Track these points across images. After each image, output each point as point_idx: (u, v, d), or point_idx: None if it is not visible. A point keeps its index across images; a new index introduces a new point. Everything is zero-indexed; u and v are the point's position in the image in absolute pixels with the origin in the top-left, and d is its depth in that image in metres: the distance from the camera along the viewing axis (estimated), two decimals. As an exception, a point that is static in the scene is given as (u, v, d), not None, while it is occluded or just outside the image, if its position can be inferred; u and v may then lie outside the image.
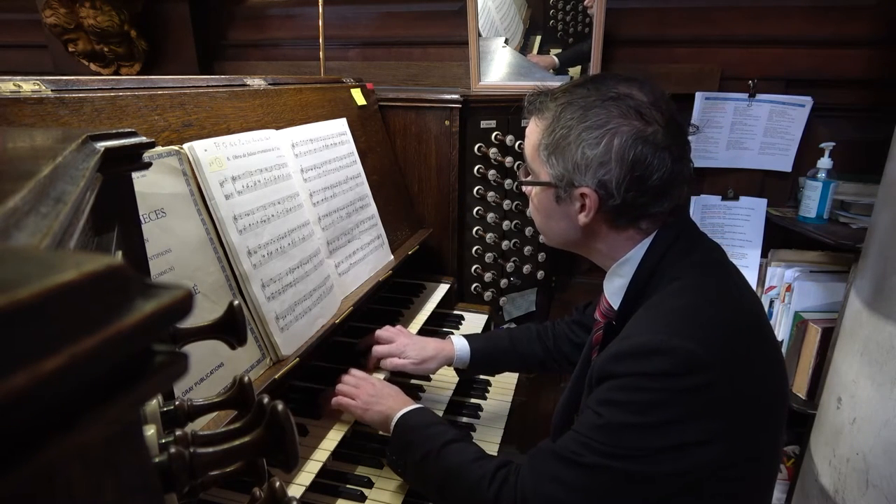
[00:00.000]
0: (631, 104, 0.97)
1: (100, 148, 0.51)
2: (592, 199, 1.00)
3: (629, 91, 0.99)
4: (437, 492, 1.08)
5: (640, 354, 0.88)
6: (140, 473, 0.32)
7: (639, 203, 1.00)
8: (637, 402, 0.87)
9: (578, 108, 1.00)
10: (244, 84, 1.34)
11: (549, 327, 1.55)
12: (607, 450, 0.88)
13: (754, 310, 1.00)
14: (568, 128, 1.00)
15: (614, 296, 1.09)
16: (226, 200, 1.06)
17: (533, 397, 2.49)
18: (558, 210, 1.06)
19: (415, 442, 1.11)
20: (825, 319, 2.00)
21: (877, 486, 1.45)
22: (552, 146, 1.03)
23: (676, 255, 1.01)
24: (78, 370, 0.18)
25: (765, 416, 0.94)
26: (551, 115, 1.03)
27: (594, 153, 0.98)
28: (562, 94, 1.04)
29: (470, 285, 2.04)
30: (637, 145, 0.96)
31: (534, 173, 1.10)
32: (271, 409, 0.46)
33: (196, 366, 0.92)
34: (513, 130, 1.99)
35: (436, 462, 1.06)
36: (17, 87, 0.79)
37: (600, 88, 1.00)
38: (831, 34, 2.09)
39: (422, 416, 1.17)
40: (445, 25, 2.50)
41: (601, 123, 0.97)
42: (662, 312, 0.94)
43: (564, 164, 1.01)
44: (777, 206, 2.27)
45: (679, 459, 0.87)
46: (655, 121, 0.97)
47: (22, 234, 0.25)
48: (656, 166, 0.97)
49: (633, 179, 0.97)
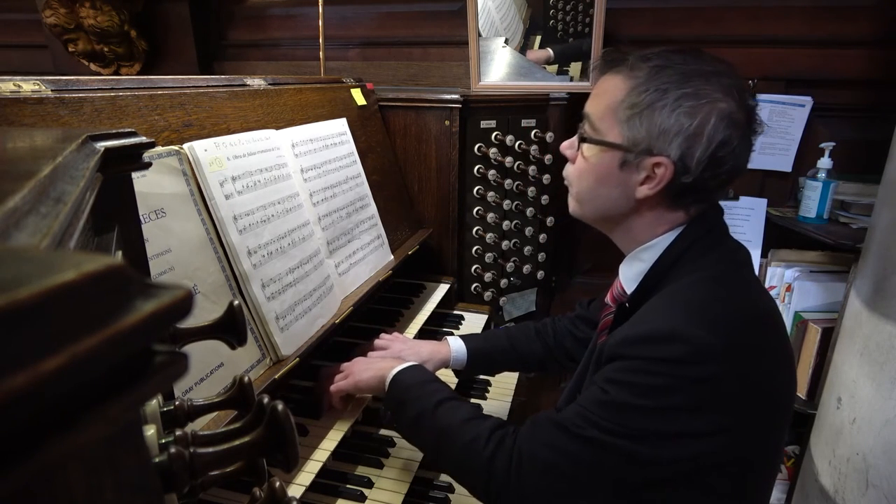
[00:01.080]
0: (731, 83, 0.93)
1: (100, 148, 0.51)
2: (667, 172, 0.95)
3: (727, 70, 0.94)
4: (432, 450, 1.07)
5: (653, 339, 0.87)
6: (140, 473, 0.32)
7: (706, 186, 0.96)
8: (645, 385, 0.86)
9: (677, 73, 0.93)
10: (244, 84, 1.34)
11: (549, 324, 1.53)
12: (610, 426, 0.87)
13: (770, 310, 0.98)
14: (663, 91, 0.93)
15: (630, 281, 1.07)
16: (226, 200, 1.06)
17: (533, 397, 2.49)
18: (617, 176, 0.99)
19: (409, 400, 1.09)
20: (825, 319, 2.00)
21: (877, 486, 1.45)
22: (640, 106, 0.95)
23: (701, 249, 0.99)
24: (78, 370, 0.18)
25: (771, 415, 0.94)
26: (644, 75, 0.95)
27: (689, 123, 0.92)
28: (656, 56, 0.96)
29: (470, 285, 2.04)
30: (730, 126, 0.92)
31: (600, 132, 1.01)
32: (271, 409, 0.46)
33: (196, 366, 0.92)
34: (513, 130, 1.99)
35: (430, 421, 1.04)
36: (17, 87, 0.79)
37: (699, 59, 0.94)
38: (831, 34, 2.09)
39: (416, 373, 1.15)
40: (445, 25, 2.50)
41: (701, 94, 0.92)
42: (679, 301, 0.93)
43: (649, 128, 0.94)
44: (777, 206, 2.27)
45: (681, 447, 0.86)
46: (744, 107, 0.94)
47: (22, 234, 0.25)
48: (736, 153, 0.94)
49: (714, 160, 0.93)
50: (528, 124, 2.04)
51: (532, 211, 2.11)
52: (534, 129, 2.05)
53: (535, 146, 2.05)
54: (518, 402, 1.70)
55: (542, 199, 2.13)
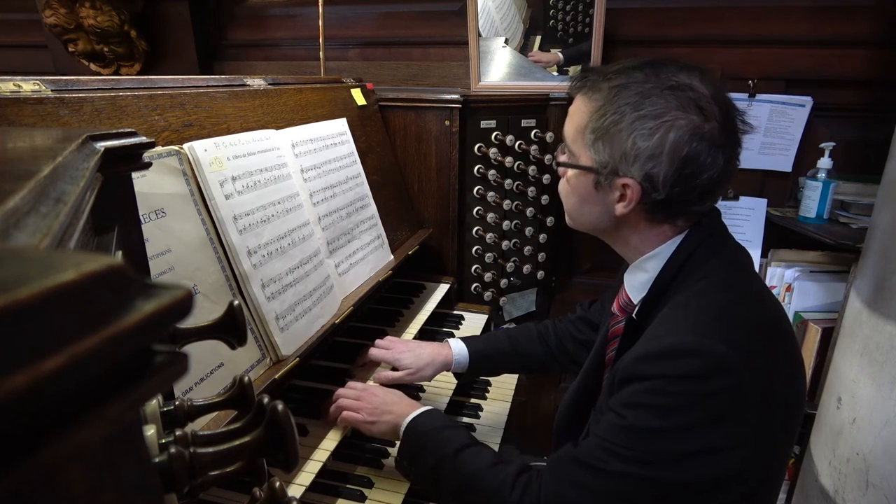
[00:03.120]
0: (691, 96, 0.92)
1: (100, 148, 0.51)
2: (635, 192, 0.96)
3: (690, 81, 0.93)
4: (453, 497, 1.05)
5: (669, 356, 0.86)
6: (140, 473, 0.32)
7: (682, 200, 0.96)
8: (663, 406, 0.85)
9: (634, 93, 0.93)
10: (244, 84, 1.34)
11: (550, 326, 1.53)
12: (632, 455, 0.86)
13: (779, 312, 0.98)
14: (620, 114, 0.94)
15: (636, 290, 1.06)
16: (226, 200, 1.06)
17: (533, 397, 2.49)
18: (595, 196, 1.02)
19: (427, 447, 1.08)
20: (825, 319, 2.00)
21: (877, 486, 1.45)
22: (600, 131, 0.96)
23: (704, 255, 0.98)
24: (78, 370, 0.18)
25: (786, 420, 0.93)
26: (603, 97, 0.97)
27: (646, 145, 0.92)
28: (616, 76, 0.96)
29: (470, 285, 2.04)
30: (693, 142, 0.91)
31: (573, 155, 1.04)
32: (271, 409, 0.46)
33: (196, 366, 0.92)
34: (513, 130, 1.99)
35: (452, 467, 1.04)
36: (17, 87, 0.79)
37: (659, 74, 0.94)
38: (831, 34, 2.09)
39: (431, 419, 1.14)
40: (445, 25, 2.50)
41: (658, 114, 0.92)
42: (691, 313, 0.92)
43: (611, 152, 0.96)
44: (777, 206, 2.27)
45: (704, 465, 0.85)
46: (714, 116, 0.92)
47: (22, 234, 0.25)
48: (708, 165, 0.93)
49: (682, 176, 0.93)
50: (528, 124, 2.05)
51: (532, 211, 2.11)
52: (534, 129, 2.05)
53: (535, 146, 2.05)
54: (518, 403, 1.70)
55: (542, 199, 2.13)
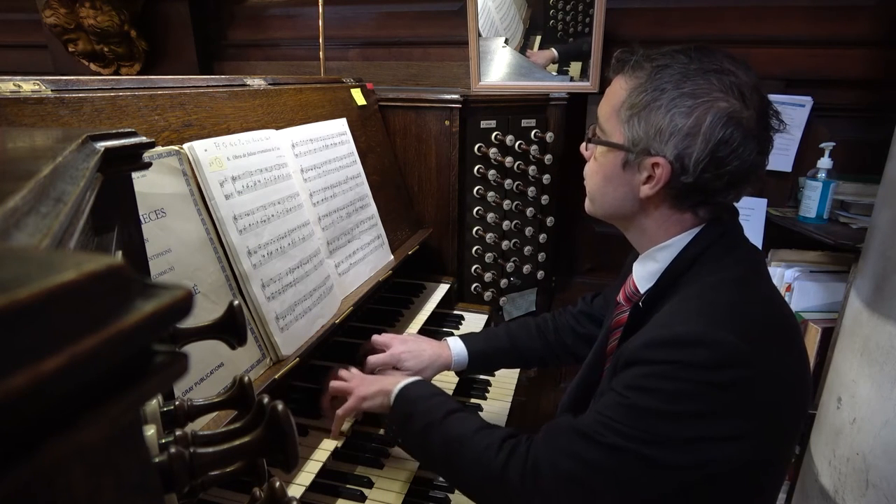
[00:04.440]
0: (734, 81, 0.92)
1: (100, 148, 0.51)
2: (664, 172, 0.95)
3: (734, 68, 0.93)
4: (440, 462, 1.05)
5: (679, 344, 0.86)
6: (140, 473, 0.32)
7: (709, 187, 0.95)
8: (669, 391, 0.85)
9: (677, 72, 0.93)
10: (244, 84, 1.34)
11: (550, 319, 1.52)
12: (630, 432, 0.86)
13: (789, 318, 0.98)
14: (661, 90, 0.94)
15: (644, 280, 1.06)
16: (226, 200, 1.06)
17: (533, 397, 2.49)
18: (621, 176, 1.01)
19: (416, 413, 1.08)
20: (825, 319, 2.00)
21: (877, 486, 1.45)
22: (638, 107, 0.96)
23: (718, 251, 0.98)
24: (78, 370, 0.18)
25: (790, 419, 0.93)
26: (645, 75, 0.96)
27: (684, 122, 0.92)
28: (660, 56, 0.96)
29: (470, 285, 2.04)
30: (729, 126, 0.91)
31: (605, 133, 1.03)
32: (271, 409, 0.46)
33: (196, 366, 0.92)
34: (513, 130, 1.99)
35: (438, 432, 1.03)
36: (17, 87, 0.79)
37: (703, 59, 0.93)
38: (831, 34, 2.09)
39: (422, 387, 1.14)
40: (445, 25, 2.50)
41: (699, 93, 0.92)
42: (704, 305, 0.91)
43: (646, 128, 0.95)
44: (777, 206, 2.27)
45: (703, 452, 0.85)
46: (753, 106, 0.92)
47: (22, 234, 0.25)
48: (740, 153, 0.92)
49: (714, 161, 0.92)
50: (528, 124, 2.05)
51: (532, 211, 2.11)
52: (534, 128, 2.05)
53: (535, 146, 2.05)
54: (518, 402, 1.70)
55: (542, 199, 2.13)
